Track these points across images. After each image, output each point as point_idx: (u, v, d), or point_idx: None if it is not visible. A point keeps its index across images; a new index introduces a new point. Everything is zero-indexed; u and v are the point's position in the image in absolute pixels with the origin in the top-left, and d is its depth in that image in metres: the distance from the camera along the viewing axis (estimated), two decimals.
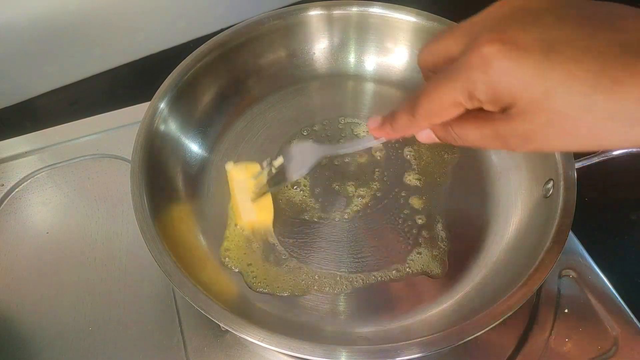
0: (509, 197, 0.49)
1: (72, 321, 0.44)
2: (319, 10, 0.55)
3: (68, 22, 0.60)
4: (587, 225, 0.47)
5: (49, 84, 0.64)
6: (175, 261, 0.39)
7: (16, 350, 0.43)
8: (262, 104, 0.56)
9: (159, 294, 0.46)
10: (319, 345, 0.35)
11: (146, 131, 0.46)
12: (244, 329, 0.36)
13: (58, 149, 0.55)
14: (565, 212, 0.41)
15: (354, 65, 0.58)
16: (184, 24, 0.68)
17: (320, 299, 0.44)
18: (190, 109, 0.51)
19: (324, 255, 0.46)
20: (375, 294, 0.44)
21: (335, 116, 0.55)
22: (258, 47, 0.55)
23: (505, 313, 0.36)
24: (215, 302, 0.37)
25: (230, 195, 0.48)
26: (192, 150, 0.51)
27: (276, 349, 0.35)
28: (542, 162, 0.46)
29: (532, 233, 0.44)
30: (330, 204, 0.49)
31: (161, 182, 0.46)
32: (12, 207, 0.51)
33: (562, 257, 0.39)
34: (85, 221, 0.50)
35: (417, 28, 0.54)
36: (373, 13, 0.55)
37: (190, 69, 0.50)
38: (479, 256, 0.46)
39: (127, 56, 0.67)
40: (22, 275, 0.47)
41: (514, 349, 0.43)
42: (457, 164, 0.52)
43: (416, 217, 0.48)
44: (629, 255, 0.51)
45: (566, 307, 0.45)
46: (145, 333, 0.44)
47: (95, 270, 0.47)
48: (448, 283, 0.45)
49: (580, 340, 0.44)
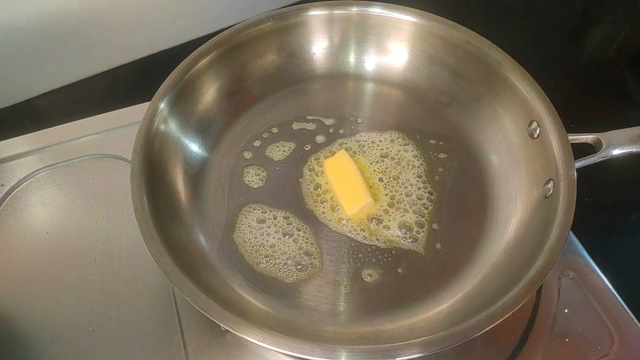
0: (509, 197, 0.49)
1: (72, 321, 0.44)
2: (319, 10, 0.55)
3: (68, 22, 0.60)
4: (587, 225, 0.47)
5: (49, 84, 0.64)
6: (175, 261, 0.39)
7: (16, 350, 0.43)
8: (262, 104, 0.56)
9: (159, 294, 0.46)
10: (319, 345, 0.35)
11: (146, 131, 0.46)
12: (244, 328, 0.36)
13: (58, 149, 0.55)
14: (566, 212, 0.41)
15: (354, 65, 0.58)
16: (184, 24, 0.68)
17: (320, 299, 0.44)
18: (190, 109, 0.51)
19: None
20: (375, 294, 0.44)
21: (336, 116, 0.55)
22: (258, 47, 0.55)
23: (505, 313, 0.36)
24: (215, 302, 0.37)
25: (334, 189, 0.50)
26: (192, 150, 0.51)
27: (276, 349, 0.35)
28: (542, 162, 0.46)
29: (532, 233, 0.44)
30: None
31: (161, 182, 0.47)
32: (12, 207, 0.51)
33: (562, 257, 0.39)
34: (85, 221, 0.50)
35: (417, 28, 0.54)
36: (373, 13, 0.55)
37: (190, 69, 0.50)
38: (479, 256, 0.46)
39: (127, 56, 0.67)
40: (22, 275, 0.47)
41: (514, 349, 0.43)
42: (457, 165, 0.52)
43: (415, 217, 0.48)
44: (629, 256, 0.51)
45: (566, 307, 0.45)
46: (145, 333, 0.44)
47: (95, 270, 0.47)
48: (448, 283, 0.45)
49: (580, 340, 0.43)
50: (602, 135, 0.47)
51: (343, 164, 0.50)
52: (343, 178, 0.50)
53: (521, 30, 0.73)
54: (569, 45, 0.72)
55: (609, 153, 0.46)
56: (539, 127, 0.47)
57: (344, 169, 0.50)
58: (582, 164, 0.45)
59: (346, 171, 0.50)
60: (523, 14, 0.75)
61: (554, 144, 0.45)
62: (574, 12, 0.76)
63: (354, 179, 0.49)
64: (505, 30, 0.71)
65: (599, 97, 0.64)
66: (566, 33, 0.73)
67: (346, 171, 0.50)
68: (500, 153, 0.51)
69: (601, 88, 0.66)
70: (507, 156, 0.50)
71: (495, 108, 0.52)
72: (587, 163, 0.46)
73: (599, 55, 0.71)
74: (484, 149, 0.52)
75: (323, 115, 0.56)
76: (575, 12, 0.76)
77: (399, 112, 0.56)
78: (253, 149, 0.53)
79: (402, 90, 0.57)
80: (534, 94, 0.47)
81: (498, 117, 0.52)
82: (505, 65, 0.50)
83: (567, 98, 0.64)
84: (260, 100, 0.56)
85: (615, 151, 0.46)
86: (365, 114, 0.56)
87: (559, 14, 0.75)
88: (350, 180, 0.49)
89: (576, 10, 0.76)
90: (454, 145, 0.53)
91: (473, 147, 0.53)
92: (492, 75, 0.51)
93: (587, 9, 0.77)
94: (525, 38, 0.72)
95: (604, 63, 0.70)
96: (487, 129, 0.53)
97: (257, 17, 0.54)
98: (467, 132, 0.54)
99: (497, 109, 0.52)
